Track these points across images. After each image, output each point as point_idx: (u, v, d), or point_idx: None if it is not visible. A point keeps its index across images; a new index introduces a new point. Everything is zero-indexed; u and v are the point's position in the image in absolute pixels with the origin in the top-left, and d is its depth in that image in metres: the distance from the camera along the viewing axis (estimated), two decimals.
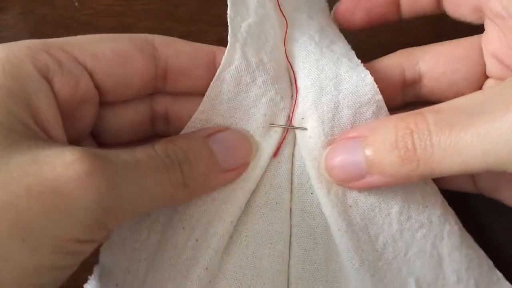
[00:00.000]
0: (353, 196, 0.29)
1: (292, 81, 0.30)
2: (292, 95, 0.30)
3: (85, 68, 0.27)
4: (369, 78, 0.29)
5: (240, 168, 0.29)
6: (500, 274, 0.31)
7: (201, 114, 0.29)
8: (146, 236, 0.30)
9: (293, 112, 0.30)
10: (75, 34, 0.30)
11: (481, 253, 0.31)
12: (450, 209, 0.31)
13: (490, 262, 0.31)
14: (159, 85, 0.30)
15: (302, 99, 0.29)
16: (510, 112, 0.22)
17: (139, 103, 0.31)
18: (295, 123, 0.30)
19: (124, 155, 0.24)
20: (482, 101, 0.24)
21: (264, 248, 0.29)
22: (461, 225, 0.31)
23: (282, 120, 0.30)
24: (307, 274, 0.29)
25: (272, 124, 0.30)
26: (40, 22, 0.43)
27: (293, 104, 0.30)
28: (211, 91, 0.29)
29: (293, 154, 0.30)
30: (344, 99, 0.29)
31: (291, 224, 0.30)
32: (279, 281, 0.29)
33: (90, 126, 0.29)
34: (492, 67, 0.30)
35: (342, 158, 0.27)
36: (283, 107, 0.30)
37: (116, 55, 0.27)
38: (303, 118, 0.29)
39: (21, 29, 0.43)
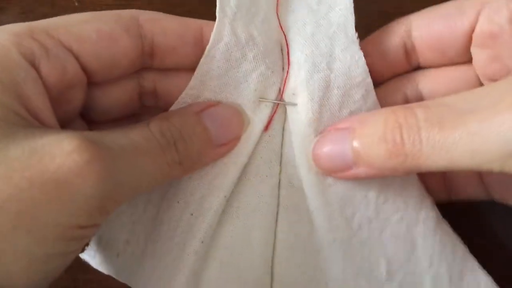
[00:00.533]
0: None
1: (285, 53, 0.30)
2: (283, 68, 0.30)
3: (71, 52, 0.26)
4: (362, 61, 0.29)
5: (232, 142, 0.29)
6: (474, 261, 0.31)
7: (191, 90, 0.29)
8: (142, 210, 0.31)
9: (284, 87, 0.30)
10: None
11: (456, 239, 0.31)
12: (427, 195, 0.31)
13: (466, 249, 0.31)
14: (147, 62, 0.30)
15: (294, 74, 0.30)
16: (499, 112, 0.22)
17: (127, 80, 0.31)
18: (286, 97, 0.30)
19: (120, 138, 0.24)
20: (472, 99, 0.24)
21: (254, 219, 0.30)
22: (438, 212, 0.31)
23: (272, 94, 0.30)
24: (289, 244, 0.31)
25: (262, 99, 0.30)
26: None
27: (285, 77, 0.30)
28: (201, 68, 0.29)
29: (283, 128, 0.31)
30: (336, 79, 0.29)
31: (279, 196, 0.31)
32: (266, 250, 0.31)
33: (79, 107, 0.29)
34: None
35: (330, 148, 0.28)
36: (274, 82, 0.30)
37: (102, 37, 0.27)
38: (293, 94, 0.30)
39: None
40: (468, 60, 0.30)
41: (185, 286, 0.29)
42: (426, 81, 0.32)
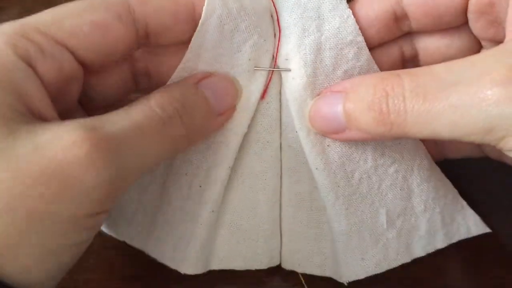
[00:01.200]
0: None
1: (275, 19, 0.30)
2: (275, 35, 0.30)
3: (66, 47, 0.26)
4: (351, 19, 0.29)
5: (229, 111, 0.30)
6: (464, 202, 0.33)
7: (187, 63, 0.30)
8: (149, 181, 0.32)
9: (277, 53, 0.30)
10: None
11: (448, 183, 0.33)
12: (420, 143, 0.32)
13: (456, 192, 0.33)
14: (142, 44, 0.30)
15: (285, 39, 0.30)
16: (482, 87, 0.23)
17: (121, 64, 0.31)
18: (280, 63, 0.30)
19: (121, 120, 0.24)
20: (459, 70, 0.24)
21: (259, 183, 0.32)
22: (430, 159, 0.32)
23: (266, 62, 0.30)
24: (293, 203, 0.32)
25: (257, 68, 0.30)
26: None
27: (277, 44, 0.30)
28: (195, 41, 0.29)
29: (280, 93, 0.31)
30: (327, 41, 0.29)
31: (281, 159, 0.32)
32: (273, 211, 0.32)
33: (77, 97, 0.29)
34: (485, 44, 0.30)
35: (325, 110, 0.28)
36: (267, 49, 0.30)
37: (95, 28, 0.27)
38: (286, 59, 0.30)
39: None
40: (464, 23, 0.30)
41: (200, 253, 0.31)
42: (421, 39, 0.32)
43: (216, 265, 0.33)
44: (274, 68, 0.30)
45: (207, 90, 0.29)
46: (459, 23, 0.29)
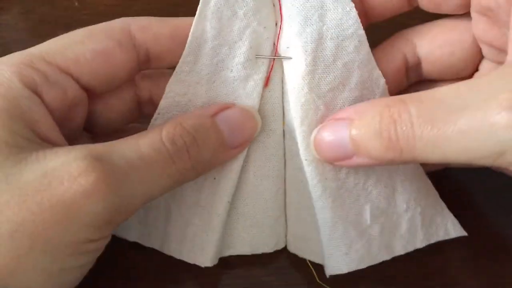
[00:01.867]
0: None
1: (277, 7, 0.30)
2: (276, 23, 0.30)
3: (70, 75, 0.28)
4: (354, 12, 0.29)
5: (244, 144, 0.30)
6: (443, 204, 0.33)
7: (188, 57, 0.30)
8: None
9: (278, 41, 0.30)
10: None
11: (430, 185, 0.33)
12: None
13: (436, 193, 0.33)
14: (143, 68, 0.31)
15: (287, 28, 0.30)
16: (488, 111, 0.23)
17: (125, 91, 0.32)
18: (281, 52, 0.30)
19: (129, 151, 0.25)
20: (465, 95, 0.24)
21: (263, 170, 0.32)
22: None
23: (267, 50, 0.30)
24: (297, 189, 0.32)
25: (258, 56, 0.30)
26: (40, 22, 0.43)
27: (278, 32, 0.30)
28: (195, 30, 0.29)
29: (282, 81, 0.31)
30: (328, 31, 0.29)
31: (284, 146, 0.32)
32: (278, 197, 0.33)
33: (82, 123, 0.30)
34: (487, 51, 0.30)
35: (330, 138, 0.28)
36: (267, 37, 0.30)
37: (97, 56, 0.28)
38: (288, 47, 0.30)
39: (21, 29, 0.43)
40: (466, 14, 0.30)
41: (217, 244, 0.31)
42: (423, 44, 0.32)
43: (225, 252, 0.33)
44: (275, 56, 0.30)
45: (223, 123, 0.29)
46: (459, 13, 0.30)
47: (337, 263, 0.31)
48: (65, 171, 0.23)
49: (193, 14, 0.31)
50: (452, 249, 0.34)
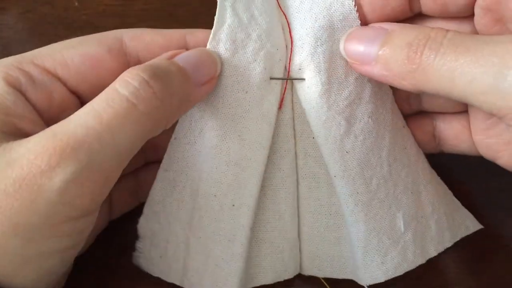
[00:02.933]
0: (350, 142, 0.30)
1: (286, 31, 0.31)
2: (286, 46, 0.31)
3: (57, 78, 0.28)
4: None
5: (210, 81, 0.29)
6: (458, 202, 0.34)
7: None
8: (176, 208, 0.32)
9: (290, 63, 0.30)
10: (75, 34, 0.30)
11: (444, 185, 0.34)
12: (419, 149, 0.33)
13: (451, 193, 0.34)
14: None
15: (298, 49, 0.30)
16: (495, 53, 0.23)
17: None
18: (293, 73, 0.30)
19: (85, 117, 0.24)
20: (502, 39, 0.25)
21: (280, 193, 0.32)
22: (428, 162, 0.33)
23: (279, 72, 0.30)
24: (312, 209, 0.32)
25: (273, 78, 0.30)
26: (40, 22, 0.43)
27: (289, 55, 0.30)
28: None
29: (292, 101, 0.31)
30: (337, 49, 0.30)
31: (296, 167, 0.32)
32: (294, 219, 0.32)
33: None
34: None
35: (364, 38, 0.28)
36: (280, 59, 0.30)
37: (85, 60, 0.28)
38: (300, 69, 0.30)
39: (21, 29, 0.43)
40: (470, 15, 0.30)
41: (241, 275, 0.31)
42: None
43: (249, 283, 0.32)
44: (289, 77, 0.30)
45: (182, 62, 0.28)
46: (465, 14, 0.30)
47: (374, 273, 0.31)
48: (25, 157, 0.23)
49: (194, 14, 0.31)
50: (452, 249, 0.34)
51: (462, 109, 0.33)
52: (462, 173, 0.37)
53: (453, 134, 0.33)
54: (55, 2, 0.44)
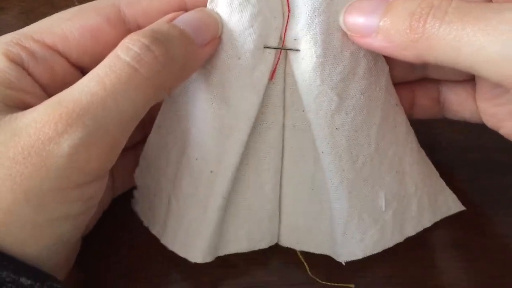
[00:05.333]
0: (341, 118, 0.30)
1: (284, 0, 0.30)
2: (283, 14, 0.30)
3: (58, 52, 0.28)
4: None
5: (213, 41, 0.28)
6: (443, 182, 0.34)
7: None
8: (165, 164, 0.32)
9: (285, 33, 0.30)
10: None
11: (431, 165, 0.34)
12: (410, 128, 0.33)
13: (437, 173, 0.34)
14: None
15: (295, 19, 0.29)
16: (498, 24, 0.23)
17: None
18: (288, 43, 0.30)
19: (89, 83, 0.24)
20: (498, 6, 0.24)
21: (263, 163, 0.31)
22: (417, 142, 0.33)
23: (274, 41, 0.30)
24: (295, 181, 0.32)
25: (267, 46, 0.29)
26: None
27: (285, 24, 0.30)
28: None
29: (284, 72, 0.30)
30: (335, 21, 0.29)
31: (283, 139, 0.32)
32: (275, 190, 0.32)
33: None
34: None
35: (363, 10, 0.28)
36: (276, 27, 0.29)
37: (85, 32, 0.28)
38: (295, 39, 0.29)
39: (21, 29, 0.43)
40: None
41: (210, 240, 0.31)
42: None
43: (222, 251, 0.32)
44: (283, 47, 0.30)
45: (183, 24, 0.27)
46: None
47: (352, 250, 0.31)
48: (31, 125, 0.23)
49: None
50: (452, 249, 0.34)
51: (468, 77, 0.32)
52: (462, 172, 0.37)
53: (458, 101, 0.33)
54: (55, 2, 0.44)
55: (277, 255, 0.34)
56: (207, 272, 0.32)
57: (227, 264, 0.33)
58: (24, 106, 0.25)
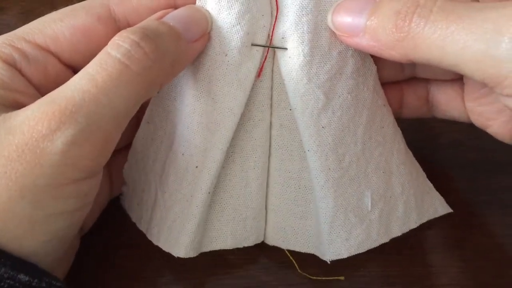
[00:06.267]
0: (327, 117, 0.30)
1: None
2: (271, 13, 0.30)
3: (50, 52, 0.28)
4: None
5: (203, 37, 0.29)
6: (430, 184, 0.34)
7: None
8: (153, 159, 0.32)
9: (273, 31, 0.30)
10: None
11: (418, 166, 0.34)
12: (398, 128, 0.33)
13: (424, 174, 0.34)
14: None
15: (283, 17, 0.29)
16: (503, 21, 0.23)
17: None
18: (275, 42, 0.30)
19: (80, 81, 0.24)
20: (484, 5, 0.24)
21: (249, 161, 0.32)
22: (405, 143, 0.33)
23: (262, 39, 0.30)
24: (281, 181, 0.32)
25: (254, 44, 0.29)
26: None
27: (273, 22, 0.30)
28: None
29: (272, 71, 0.31)
30: (322, 20, 0.29)
31: (270, 137, 0.32)
32: (262, 189, 0.32)
33: None
34: None
35: (350, 10, 0.28)
36: (264, 25, 0.30)
37: (76, 32, 0.28)
38: (283, 38, 0.29)
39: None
40: None
41: (194, 236, 0.31)
42: None
43: (207, 247, 0.32)
44: (271, 45, 0.30)
45: (172, 21, 0.28)
46: None
47: (338, 249, 0.31)
48: (25, 123, 0.24)
49: None
50: (452, 249, 0.34)
51: (456, 76, 0.32)
52: (459, 172, 0.37)
53: (446, 100, 0.33)
54: (55, 2, 0.44)
55: (276, 256, 0.34)
56: (205, 272, 0.32)
57: (226, 264, 0.33)
58: (18, 105, 0.25)
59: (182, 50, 0.27)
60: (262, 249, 0.34)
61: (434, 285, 0.33)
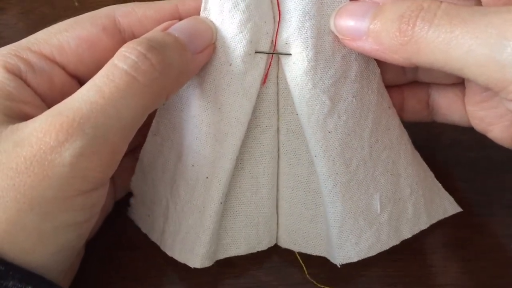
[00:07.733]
0: (333, 122, 0.30)
1: (274, 3, 0.30)
2: (274, 19, 0.30)
3: (55, 63, 0.28)
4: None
5: (208, 49, 0.29)
6: (439, 184, 0.34)
7: None
8: (161, 171, 0.32)
9: (276, 37, 0.30)
10: None
11: (426, 167, 0.34)
12: (404, 130, 0.33)
13: (432, 175, 0.34)
14: None
15: (286, 23, 0.29)
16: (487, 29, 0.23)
17: None
18: (279, 48, 0.30)
19: (87, 93, 0.24)
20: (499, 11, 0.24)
21: (258, 167, 0.32)
22: (412, 144, 0.33)
23: (266, 46, 0.30)
24: (291, 184, 0.33)
25: (258, 51, 0.30)
26: (40, 22, 0.43)
27: (276, 28, 0.30)
28: None
29: (277, 76, 0.31)
30: (325, 25, 0.29)
31: (278, 142, 0.32)
32: (272, 193, 0.33)
33: None
34: None
35: (353, 14, 0.28)
36: (267, 32, 0.30)
37: (81, 43, 0.28)
38: (286, 43, 0.29)
39: (21, 29, 0.43)
40: None
41: (209, 245, 0.31)
42: None
43: (222, 254, 0.33)
44: (275, 52, 0.30)
45: (177, 32, 0.28)
46: None
47: (348, 253, 0.31)
48: (33, 135, 0.24)
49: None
50: (453, 249, 0.34)
51: (458, 80, 0.32)
52: (462, 171, 0.37)
53: (447, 104, 0.33)
54: (55, 2, 0.44)
55: (276, 256, 0.34)
56: (206, 272, 0.32)
57: (227, 264, 0.33)
58: (25, 116, 0.25)
59: (187, 61, 0.28)
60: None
61: (434, 285, 0.33)
